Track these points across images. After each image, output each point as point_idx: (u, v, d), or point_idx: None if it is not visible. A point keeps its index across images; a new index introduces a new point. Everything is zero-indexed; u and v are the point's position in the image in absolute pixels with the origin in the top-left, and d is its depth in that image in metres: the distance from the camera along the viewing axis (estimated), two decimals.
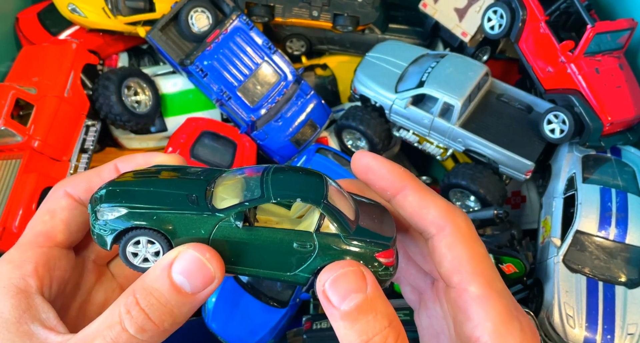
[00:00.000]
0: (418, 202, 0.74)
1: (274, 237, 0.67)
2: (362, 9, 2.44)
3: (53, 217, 0.76)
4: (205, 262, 0.64)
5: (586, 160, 2.09)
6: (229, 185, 0.72)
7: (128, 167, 0.78)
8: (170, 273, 0.63)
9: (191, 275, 0.63)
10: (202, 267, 0.63)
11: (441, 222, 0.72)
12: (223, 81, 2.35)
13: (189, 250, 0.64)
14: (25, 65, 2.28)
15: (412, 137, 2.37)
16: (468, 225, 0.73)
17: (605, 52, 2.03)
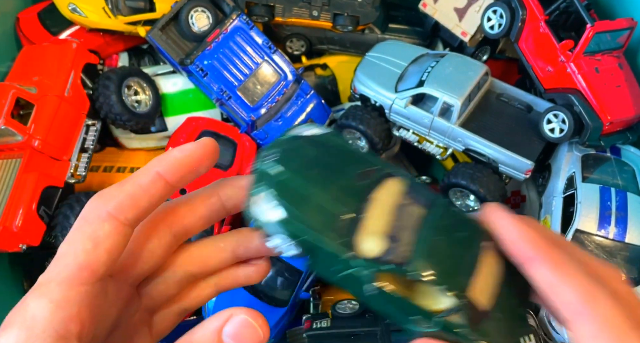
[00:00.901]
0: (552, 278, 0.63)
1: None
2: (362, 9, 2.45)
3: (97, 246, 0.64)
4: (257, 329, 0.61)
5: (586, 160, 2.09)
6: (384, 213, 0.59)
7: (171, 173, 0.68)
8: (220, 336, 0.60)
9: (241, 340, 0.60)
10: (253, 333, 0.61)
11: (581, 308, 0.61)
12: (223, 81, 2.35)
13: (241, 315, 0.61)
14: (26, 65, 2.28)
15: (412, 137, 2.38)
16: (615, 314, 0.60)
17: (604, 51, 2.04)
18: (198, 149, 0.70)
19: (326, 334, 1.72)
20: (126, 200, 0.66)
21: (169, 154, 0.70)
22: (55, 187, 2.11)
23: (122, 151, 2.59)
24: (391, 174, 0.64)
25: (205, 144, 0.71)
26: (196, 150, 0.70)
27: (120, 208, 0.66)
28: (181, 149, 0.70)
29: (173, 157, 0.69)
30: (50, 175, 2.08)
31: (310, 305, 2.22)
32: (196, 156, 0.70)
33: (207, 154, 0.71)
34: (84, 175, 2.23)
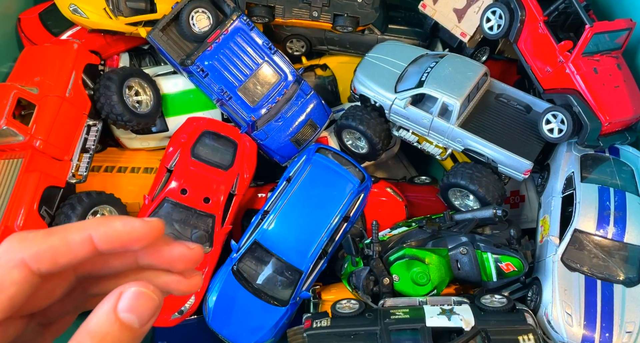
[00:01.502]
0: None
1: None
2: (362, 10, 2.46)
3: (0, 291, 0.62)
4: (150, 295, 0.63)
5: (585, 160, 2.10)
6: None
7: (105, 239, 0.66)
8: (116, 314, 0.61)
9: (138, 310, 0.62)
10: (148, 300, 0.62)
11: None
12: (224, 81, 2.36)
13: (132, 288, 0.62)
14: (27, 66, 2.29)
15: (412, 137, 2.39)
16: None
17: (603, 52, 2.04)
18: (142, 229, 0.68)
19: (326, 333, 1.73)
20: (47, 252, 0.64)
21: (112, 222, 0.67)
22: (57, 187, 2.11)
23: (124, 151, 2.60)
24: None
25: (152, 227, 0.68)
26: (140, 230, 0.67)
27: (37, 259, 0.63)
28: (126, 223, 0.67)
29: (114, 228, 0.66)
30: (51, 175, 2.09)
31: (310, 305, 2.22)
32: (137, 235, 0.67)
33: (148, 236, 0.68)
34: (85, 175, 2.24)
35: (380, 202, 2.48)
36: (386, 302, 1.90)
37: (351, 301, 1.85)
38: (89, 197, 2.14)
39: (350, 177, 2.28)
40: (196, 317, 2.29)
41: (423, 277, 1.95)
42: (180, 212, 2.23)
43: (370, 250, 2.01)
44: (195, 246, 0.71)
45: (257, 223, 2.22)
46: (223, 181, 2.29)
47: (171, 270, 0.73)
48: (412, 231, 2.12)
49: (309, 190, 2.23)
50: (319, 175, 2.27)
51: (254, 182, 2.54)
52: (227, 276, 2.19)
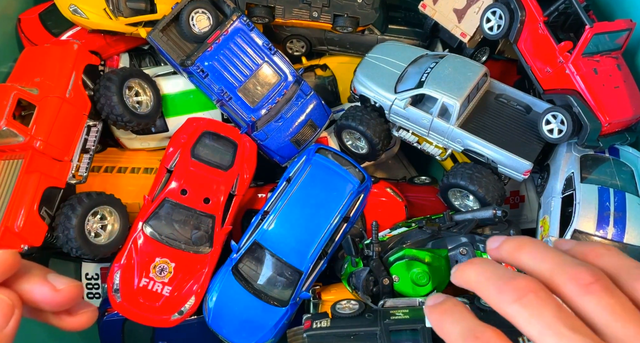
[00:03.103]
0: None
1: None
2: (362, 10, 2.46)
3: None
4: (0, 297, 0.60)
5: (584, 160, 2.10)
6: None
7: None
8: None
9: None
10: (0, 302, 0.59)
11: None
12: (224, 81, 2.36)
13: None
14: (27, 66, 2.29)
15: (412, 137, 2.39)
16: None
17: (603, 52, 2.04)
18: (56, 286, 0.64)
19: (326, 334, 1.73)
20: None
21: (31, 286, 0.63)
22: (57, 187, 2.12)
23: (124, 151, 2.61)
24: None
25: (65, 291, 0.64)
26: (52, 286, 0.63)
27: None
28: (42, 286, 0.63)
29: (33, 291, 0.63)
30: (51, 176, 2.09)
31: (310, 305, 2.23)
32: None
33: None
34: (85, 176, 2.24)
35: (380, 202, 2.48)
36: (386, 302, 1.90)
37: (351, 302, 1.85)
38: (89, 197, 2.14)
39: (350, 178, 2.28)
40: (196, 317, 2.29)
41: (423, 277, 1.95)
42: (180, 213, 2.23)
43: (370, 251, 2.01)
44: (65, 286, 0.64)
45: (257, 224, 2.22)
46: (223, 181, 2.29)
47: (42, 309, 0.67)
48: (411, 231, 2.12)
49: (308, 191, 2.23)
50: (319, 176, 2.27)
51: (254, 183, 2.54)
52: (227, 276, 2.20)
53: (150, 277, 2.17)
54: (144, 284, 2.16)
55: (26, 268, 0.67)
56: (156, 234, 2.20)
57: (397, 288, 2.00)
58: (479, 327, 0.65)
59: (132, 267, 2.17)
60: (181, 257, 2.20)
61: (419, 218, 2.34)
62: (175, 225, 2.22)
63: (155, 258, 2.18)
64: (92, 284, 2.52)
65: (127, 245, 2.19)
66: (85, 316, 0.69)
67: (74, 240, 2.06)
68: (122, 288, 2.14)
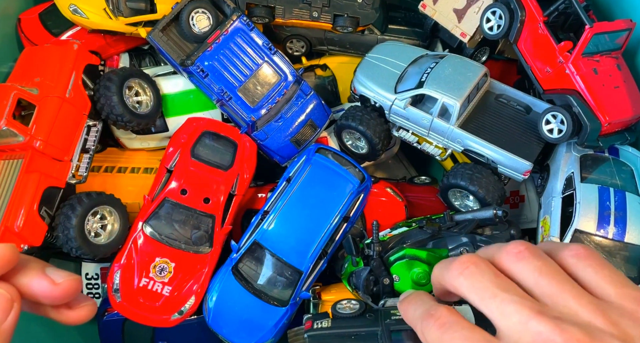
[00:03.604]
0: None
1: None
2: (362, 10, 2.46)
3: None
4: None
5: (584, 160, 2.10)
6: None
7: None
8: None
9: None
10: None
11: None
12: (224, 81, 2.36)
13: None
14: (27, 66, 2.29)
15: (412, 137, 2.39)
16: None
17: (603, 52, 2.04)
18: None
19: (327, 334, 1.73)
20: None
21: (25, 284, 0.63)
22: (57, 187, 2.12)
23: (124, 151, 2.61)
24: None
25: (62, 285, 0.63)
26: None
27: None
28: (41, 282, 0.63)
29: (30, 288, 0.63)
30: (51, 176, 2.09)
31: (310, 305, 2.23)
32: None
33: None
34: (85, 176, 2.24)
35: (380, 202, 2.48)
36: (387, 302, 1.90)
37: (352, 301, 1.85)
38: (89, 197, 2.14)
39: (350, 177, 2.29)
40: (196, 317, 2.29)
41: (423, 277, 1.95)
42: (180, 213, 2.23)
43: (371, 250, 2.01)
44: (63, 280, 0.64)
45: (257, 224, 2.22)
46: (223, 181, 2.29)
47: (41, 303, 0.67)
48: (412, 231, 2.12)
49: (308, 191, 2.23)
50: (319, 176, 2.27)
51: (253, 182, 2.54)
52: (227, 276, 2.20)
53: (150, 276, 2.17)
54: (144, 284, 2.16)
55: (24, 262, 0.67)
56: (156, 234, 2.20)
57: (398, 287, 2.00)
58: (433, 307, 0.73)
59: (132, 266, 2.17)
60: (181, 256, 2.20)
61: (419, 218, 2.34)
62: (175, 225, 2.22)
63: (155, 258, 2.18)
64: (92, 284, 2.52)
65: (127, 245, 2.19)
66: (85, 309, 0.69)
67: (74, 240, 2.06)
68: (122, 288, 2.14)
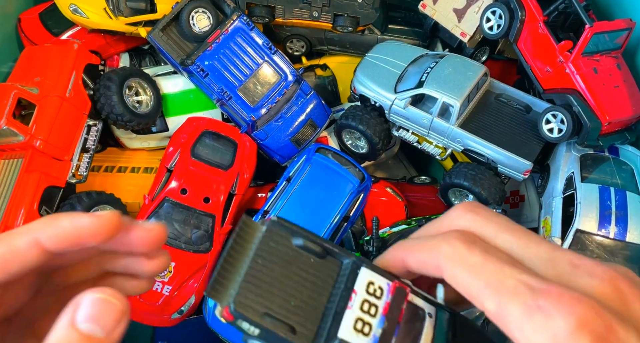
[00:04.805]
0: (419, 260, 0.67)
1: None
2: (362, 10, 2.46)
3: None
4: (110, 300, 0.59)
5: (584, 160, 2.10)
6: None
7: (52, 243, 0.62)
8: (75, 326, 0.56)
9: (99, 318, 0.57)
10: (108, 306, 0.58)
11: (436, 261, 0.64)
12: (224, 81, 2.36)
13: (87, 295, 0.58)
14: (27, 66, 2.29)
15: (412, 137, 2.39)
16: (453, 247, 0.63)
17: (603, 52, 2.04)
18: (92, 226, 0.63)
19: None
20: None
21: (58, 221, 0.62)
22: (57, 186, 2.11)
23: (124, 151, 2.60)
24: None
25: (103, 223, 0.63)
26: (90, 227, 0.63)
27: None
28: (74, 221, 0.62)
29: (60, 227, 0.62)
30: (51, 175, 2.09)
31: None
32: (87, 233, 0.63)
33: (101, 233, 0.63)
34: (85, 175, 2.24)
35: (380, 202, 2.48)
36: None
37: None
38: (89, 197, 2.14)
39: (350, 177, 2.28)
40: (196, 317, 2.29)
41: None
42: (180, 212, 2.22)
43: (370, 246, 2.01)
44: (153, 227, 0.66)
45: None
46: (223, 181, 2.29)
47: (133, 254, 0.68)
48: (412, 229, 2.13)
49: (308, 190, 2.23)
50: (319, 175, 2.27)
51: (253, 182, 2.54)
52: None
53: None
54: None
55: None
56: None
57: None
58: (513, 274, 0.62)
59: None
60: (181, 256, 2.20)
61: (419, 217, 2.34)
62: (175, 224, 2.22)
63: None
64: None
65: None
66: (163, 258, 0.69)
67: None
68: None
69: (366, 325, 0.63)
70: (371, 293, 0.66)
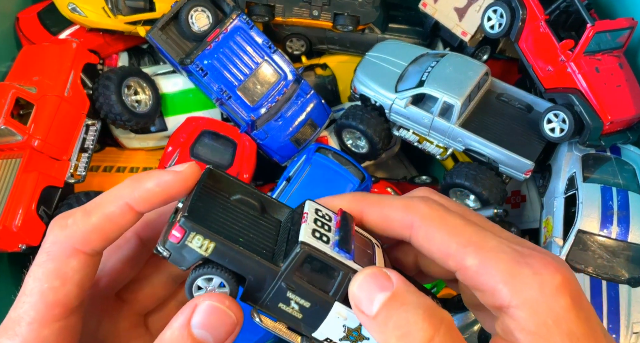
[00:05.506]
0: (380, 215, 0.68)
1: None
2: (363, 9, 2.45)
3: (65, 282, 0.62)
4: (226, 311, 0.61)
5: (586, 159, 2.09)
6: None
7: (142, 205, 0.64)
8: (190, 329, 0.59)
9: (213, 327, 0.59)
10: (223, 316, 0.60)
11: (407, 220, 0.66)
12: (223, 80, 2.35)
13: (206, 301, 0.60)
14: (26, 65, 2.28)
15: (412, 137, 2.37)
16: (431, 208, 0.66)
17: (605, 51, 2.03)
18: (175, 181, 0.65)
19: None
20: (93, 233, 0.63)
21: (141, 184, 0.65)
22: (55, 186, 2.10)
23: (122, 151, 2.59)
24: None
25: (185, 176, 0.66)
26: (174, 183, 0.65)
27: (87, 242, 0.63)
28: (159, 181, 0.65)
29: (146, 188, 0.64)
30: (50, 175, 2.08)
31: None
32: (173, 189, 0.65)
33: (185, 186, 0.66)
34: (84, 175, 2.23)
35: None
36: None
37: None
38: (88, 197, 2.13)
39: (350, 177, 2.27)
40: None
41: None
42: None
43: None
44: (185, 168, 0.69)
45: None
46: None
47: None
48: None
49: (308, 190, 2.22)
50: (319, 175, 2.25)
51: (253, 182, 2.53)
52: None
53: None
54: None
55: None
56: None
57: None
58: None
59: None
60: None
61: None
62: None
63: None
64: None
65: None
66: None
67: None
68: None
69: (324, 236, 0.65)
70: (321, 216, 0.69)
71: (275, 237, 0.68)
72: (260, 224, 0.70)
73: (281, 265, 0.63)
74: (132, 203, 0.64)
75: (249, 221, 0.69)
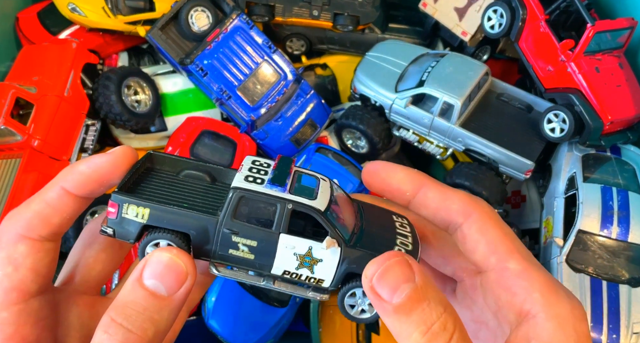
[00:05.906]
0: (440, 196, 0.73)
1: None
2: (363, 9, 2.45)
3: (17, 267, 0.65)
4: (173, 259, 0.62)
5: (586, 160, 2.09)
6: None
7: (78, 188, 0.68)
8: (141, 281, 0.62)
9: (163, 277, 0.62)
10: (172, 265, 0.62)
11: (468, 209, 0.71)
12: (223, 80, 2.35)
13: (155, 253, 0.63)
14: (26, 65, 2.27)
15: (412, 137, 2.37)
16: (492, 210, 0.73)
17: (605, 51, 2.03)
18: (106, 162, 0.69)
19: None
20: (34, 219, 0.67)
21: (75, 168, 0.69)
22: None
23: None
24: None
25: (117, 157, 0.69)
26: (104, 163, 0.68)
27: (31, 228, 0.66)
28: (90, 164, 0.68)
29: (78, 171, 0.68)
30: (49, 175, 2.07)
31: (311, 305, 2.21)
32: (104, 170, 0.68)
33: (119, 168, 0.69)
34: None
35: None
36: None
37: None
38: None
39: (350, 177, 2.27)
40: (196, 318, 2.28)
41: None
42: None
43: None
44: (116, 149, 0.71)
45: None
46: None
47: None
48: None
49: None
50: None
51: None
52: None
53: None
54: None
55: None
56: None
57: None
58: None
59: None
60: None
61: None
62: None
63: None
64: None
65: None
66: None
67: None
68: None
69: (258, 179, 0.69)
70: (258, 165, 0.74)
71: (224, 199, 0.70)
72: (210, 191, 0.74)
73: (219, 214, 0.67)
74: (67, 186, 0.68)
75: (197, 191, 0.73)
